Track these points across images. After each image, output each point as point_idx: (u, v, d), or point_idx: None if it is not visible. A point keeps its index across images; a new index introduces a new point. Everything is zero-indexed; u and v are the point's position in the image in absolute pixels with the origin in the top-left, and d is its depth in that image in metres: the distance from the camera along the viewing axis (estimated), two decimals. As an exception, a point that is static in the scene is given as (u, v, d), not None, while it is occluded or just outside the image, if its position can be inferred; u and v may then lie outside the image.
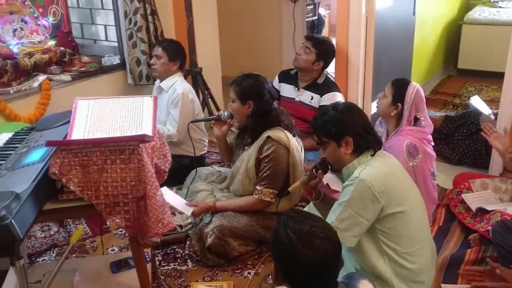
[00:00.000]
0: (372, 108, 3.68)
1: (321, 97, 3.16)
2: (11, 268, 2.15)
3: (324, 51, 3.19)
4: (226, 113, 2.63)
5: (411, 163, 2.52)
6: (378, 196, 1.81)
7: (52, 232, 2.80)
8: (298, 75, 3.29)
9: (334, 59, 3.39)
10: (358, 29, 3.42)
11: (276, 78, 3.42)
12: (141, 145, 1.69)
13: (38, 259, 2.56)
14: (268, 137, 2.44)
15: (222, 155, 2.88)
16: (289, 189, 2.18)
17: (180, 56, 3.25)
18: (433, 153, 2.72)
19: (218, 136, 2.69)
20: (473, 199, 2.77)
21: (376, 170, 1.87)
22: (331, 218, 1.88)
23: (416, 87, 2.62)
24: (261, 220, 2.50)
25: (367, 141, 1.95)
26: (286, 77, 3.37)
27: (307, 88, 3.24)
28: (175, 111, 3.12)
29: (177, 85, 3.18)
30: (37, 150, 1.78)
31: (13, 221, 1.33)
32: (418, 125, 2.64)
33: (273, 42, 5.59)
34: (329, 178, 2.72)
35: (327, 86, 3.21)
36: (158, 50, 3.21)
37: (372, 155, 1.94)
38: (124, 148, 1.67)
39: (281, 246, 1.43)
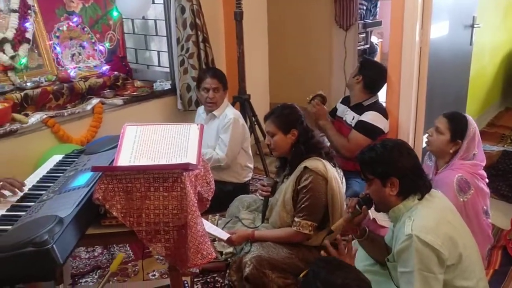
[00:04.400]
0: (424, 141, 3.55)
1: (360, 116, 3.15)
2: (54, 288, 2.20)
3: (365, 66, 3.27)
4: (268, 182, 2.65)
5: (461, 199, 2.38)
6: (440, 249, 1.71)
7: (96, 254, 2.84)
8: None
9: (376, 79, 3.31)
10: (411, 58, 3.33)
11: (340, 99, 3.49)
12: (184, 173, 1.68)
13: (81, 280, 2.59)
14: (306, 167, 2.38)
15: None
16: (332, 228, 2.09)
17: (227, 84, 3.29)
18: (487, 190, 2.57)
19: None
20: (533, 242, 2.60)
21: (427, 220, 1.77)
22: None
23: (474, 123, 2.50)
24: (301, 253, 2.42)
25: (415, 184, 1.85)
26: (346, 98, 3.43)
27: (352, 108, 3.25)
28: (225, 136, 3.14)
29: (227, 111, 3.23)
30: (83, 174, 1.81)
31: (54, 246, 1.33)
32: (470, 159, 2.50)
33: (323, 70, 5.56)
34: (375, 213, 2.61)
35: (371, 108, 3.18)
36: (214, 82, 3.17)
37: (420, 199, 1.84)
38: (168, 176, 1.67)
39: None
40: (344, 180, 2.55)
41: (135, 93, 3.59)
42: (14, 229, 1.50)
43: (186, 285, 2.15)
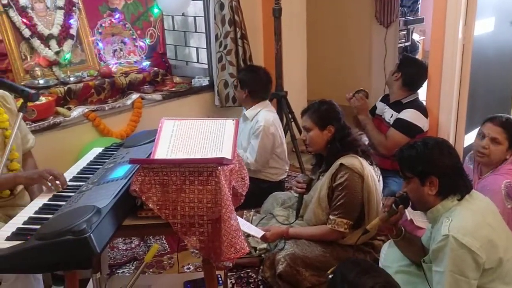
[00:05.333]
0: (465, 141, 3.46)
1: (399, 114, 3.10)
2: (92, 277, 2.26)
3: (404, 62, 3.21)
4: (303, 178, 2.65)
5: (509, 205, 2.29)
6: (478, 252, 1.66)
7: (133, 246, 2.90)
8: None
9: (415, 75, 3.22)
10: (454, 56, 3.24)
11: (380, 97, 3.45)
12: (219, 167, 1.69)
13: (118, 271, 2.66)
14: (341, 164, 2.36)
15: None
16: (367, 227, 2.06)
17: (248, 84, 3.24)
18: None
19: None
20: None
21: (465, 222, 1.72)
22: None
23: None
24: (335, 252, 2.40)
25: (455, 184, 1.80)
26: (385, 96, 3.38)
27: (391, 105, 3.20)
28: (255, 142, 3.14)
29: (260, 116, 3.18)
30: (122, 167, 1.85)
31: (92, 235, 1.37)
32: None
33: (362, 67, 5.48)
34: (413, 213, 2.56)
35: (410, 106, 3.11)
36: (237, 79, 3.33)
37: (459, 200, 1.80)
38: (203, 170, 1.68)
39: None
40: (381, 178, 2.51)
41: (173, 89, 3.64)
42: (54, 218, 1.55)
43: (220, 279, 2.16)
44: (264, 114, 3.18)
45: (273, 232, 2.44)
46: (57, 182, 1.82)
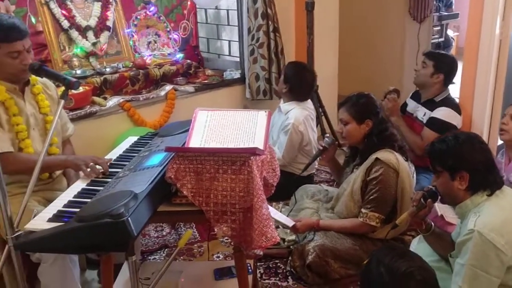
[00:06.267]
0: (499, 139, 3.40)
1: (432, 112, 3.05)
2: (126, 262, 2.33)
3: (442, 62, 3.06)
4: (327, 140, 2.65)
5: None
6: (502, 249, 1.64)
7: (164, 233, 2.97)
8: (420, 91, 3.23)
9: (455, 72, 3.18)
10: (490, 52, 3.19)
11: (410, 94, 3.39)
12: (252, 157, 1.72)
13: (149, 257, 2.73)
14: (377, 158, 2.35)
15: (335, 175, 2.87)
16: (396, 222, 2.05)
17: (294, 82, 3.19)
18: None
19: (327, 162, 2.74)
20: None
21: (493, 218, 1.70)
22: (457, 282, 1.72)
23: None
24: (365, 245, 2.41)
25: (485, 180, 1.78)
26: (416, 94, 3.31)
27: (424, 104, 3.15)
28: (284, 138, 3.15)
29: (291, 113, 3.15)
30: (157, 155, 1.90)
31: (129, 219, 1.41)
32: None
33: (394, 63, 5.43)
34: (443, 209, 2.54)
35: (444, 104, 3.06)
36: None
37: (489, 195, 1.77)
38: (236, 159, 1.72)
39: (370, 284, 1.35)
40: (415, 174, 2.50)
41: (206, 81, 3.69)
42: (93, 202, 1.61)
43: (249, 268, 2.20)
44: (295, 112, 3.14)
45: (303, 223, 2.46)
46: (100, 170, 1.89)
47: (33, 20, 3.08)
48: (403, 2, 5.23)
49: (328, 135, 2.59)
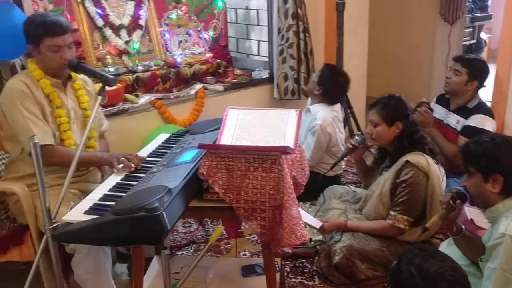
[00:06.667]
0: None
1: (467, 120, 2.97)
2: (155, 257, 2.38)
3: (476, 68, 2.97)
4: (358, 138, 2.64)
5: None
6: None
7: (192, 229, 3.01)
8: (450, 98, 3.13)
9: (487, 77, 3.12)
10: (524, 55, 3.14)
11: (434, 99, 3.29)
12: (282, 156, 1.74)
13: (177, 253, 2.77)
14: (407, 161, 2.34)
15: (361, 176, 2.86)
16: (427, 225, 2.03)
17: (328, 85, 3.18)
18: None
19: (355, 161, 2.73)
20: None
21: None
22: (487, 286, 1.71)
23: None
24: (392, 247, 2.40)
25: None
26: (442, 98, 3.22)
27: (456, 111, 3.06)
28: (311, 139, 3.15)
29: (319, 114, 3.16)
30: (189, 151, 1.94)
31: (164, 213, 1.45)
32: None
33: (424, 64, 5.37)
34: (474, 213, 2.51)
35: (477, 111, 2.99)
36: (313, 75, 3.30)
37: None
38: (267, 157, 1.74)
39: (401, 283, 1.34)
40: (445, 178, 2.47)
41: (234, 80, 3.72)
42: (128, 196, 1.66)
43: (277, 265, 2.22)
44: (324, 113, 3.15)
45: (331, 223, 2.47)
46: (132, 165, 1.93)
47: (69, 18, 3.16)
48: (434, 3, 5.17)
49: (359, 133, 2.58)
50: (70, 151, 2.13)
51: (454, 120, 3.04)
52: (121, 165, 1.95)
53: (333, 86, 3.17)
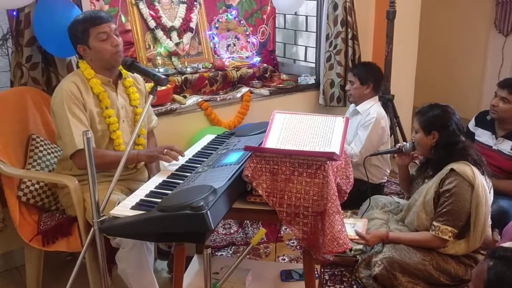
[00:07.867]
0: None
1: None
2: (196, 256, 2.41)
3: None
4: (408, 145, 2.60)
5: None
6: None
7: (232, 231, 3.03)
8: (495, 122, 2.99)
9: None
10: None
11: (473, 120, 3.15)
12: (327, 162, 1.74)
13: (217, 253, 2.80)
14: (452, 170, 2.29)
15: (402, 185, 2.81)
16: None
17: (372, 79, 3.25)
18: None
19: (400, 166, 2.70)
20: None
21: None
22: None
23: None
24: (435, 261, 2.33)
25: None
26: (483, 122, 3.07)
27: (507, 136, 2.92)
28: (363, 133, 3.14)
29: (372, 109, 3.21)
30: (234, 153, 1.96)
31: (208, 212, 1.47)
32: None
33: (474, 76, 5.22)
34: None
35: None
36: (350, 75, 3.32)
37: None
38: (312, 163, 1.74)
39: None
40: (492, 190, 2.39)
41: (280, 85, 3.73)
42: (174, 194, 1.69)
43: (316, 272, 2.20)
44: (377, 108, 3.23)
45: (373, 234, 2.43)
46: (174, 152, 2.02)
47: (123, 19, 3.27)
48: (489, 14, 5.03)
49: (412, 141, 2.56)
50: (109, 153, 2.18)
51: (507, 146, 2.90)
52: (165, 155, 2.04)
53: (378, 75, 3.29)
